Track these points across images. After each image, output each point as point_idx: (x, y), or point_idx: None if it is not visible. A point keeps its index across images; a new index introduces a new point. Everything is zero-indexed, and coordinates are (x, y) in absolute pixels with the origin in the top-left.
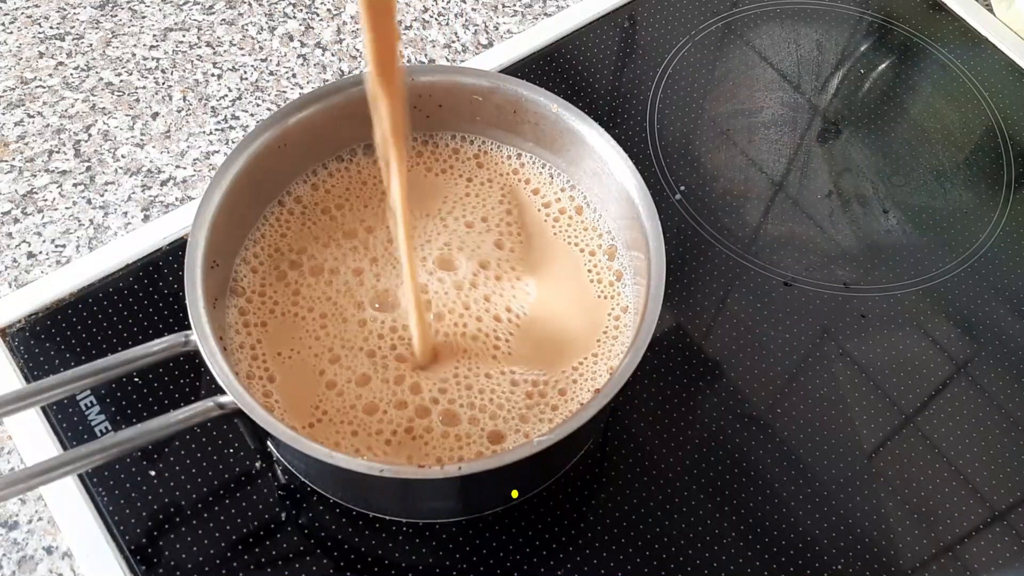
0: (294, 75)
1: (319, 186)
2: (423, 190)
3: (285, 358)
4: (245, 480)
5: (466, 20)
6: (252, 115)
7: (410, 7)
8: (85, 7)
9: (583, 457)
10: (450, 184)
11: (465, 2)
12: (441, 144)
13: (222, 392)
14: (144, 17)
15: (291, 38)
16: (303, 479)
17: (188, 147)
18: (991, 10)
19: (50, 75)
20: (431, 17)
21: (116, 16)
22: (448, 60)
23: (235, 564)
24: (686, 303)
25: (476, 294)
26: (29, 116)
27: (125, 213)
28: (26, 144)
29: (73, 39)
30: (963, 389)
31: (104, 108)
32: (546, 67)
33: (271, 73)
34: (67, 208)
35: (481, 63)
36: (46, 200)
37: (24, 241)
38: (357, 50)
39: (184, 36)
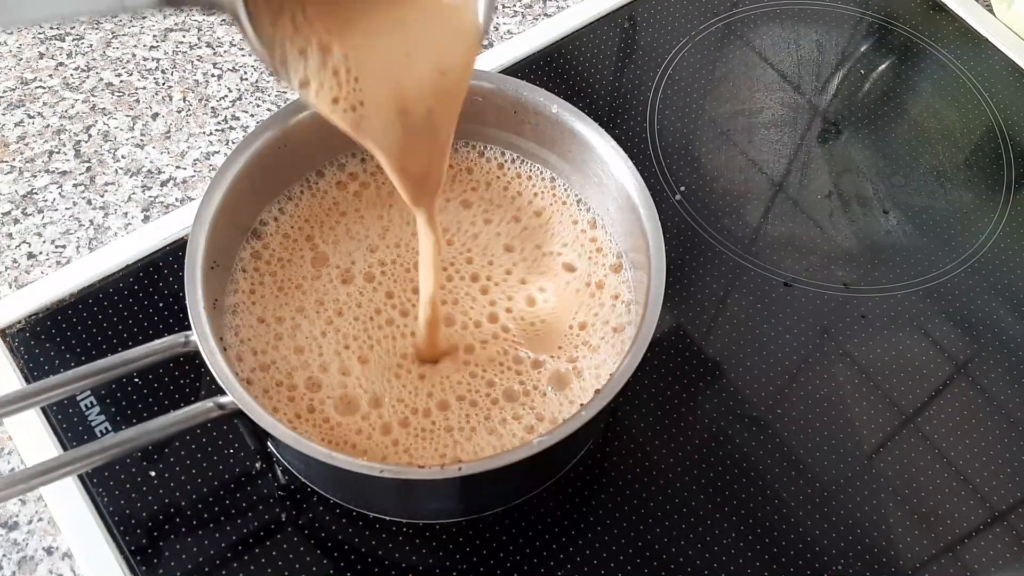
0: None
1: (319, 187)
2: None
3: (281, 359)
4: (245, 480)
5: None
6: (252, 115)
7: None
8: None
9: (583, 457)
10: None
11: None
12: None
13: (222, 392)
14: (144, 17)
15: None
16: (303, 479)
17: (188, 147)
18: (991, 10)
19: (50, 75)
20: None
21: (116, 16)
22: None
23: (235, 564)
24: (686, 303)
25: (482, 297)
26: (29, 116)
27: (125, 214)
28: (26, 144)
29: (73, 39)
30: (963, 389)
31: (104, 108)
32: (546, 67)
33: (271, 74)
34: (67, 208)
35: (481, 63)
36: (46, 200)
37: (24, 241)
38: None
39: (184, 36)
